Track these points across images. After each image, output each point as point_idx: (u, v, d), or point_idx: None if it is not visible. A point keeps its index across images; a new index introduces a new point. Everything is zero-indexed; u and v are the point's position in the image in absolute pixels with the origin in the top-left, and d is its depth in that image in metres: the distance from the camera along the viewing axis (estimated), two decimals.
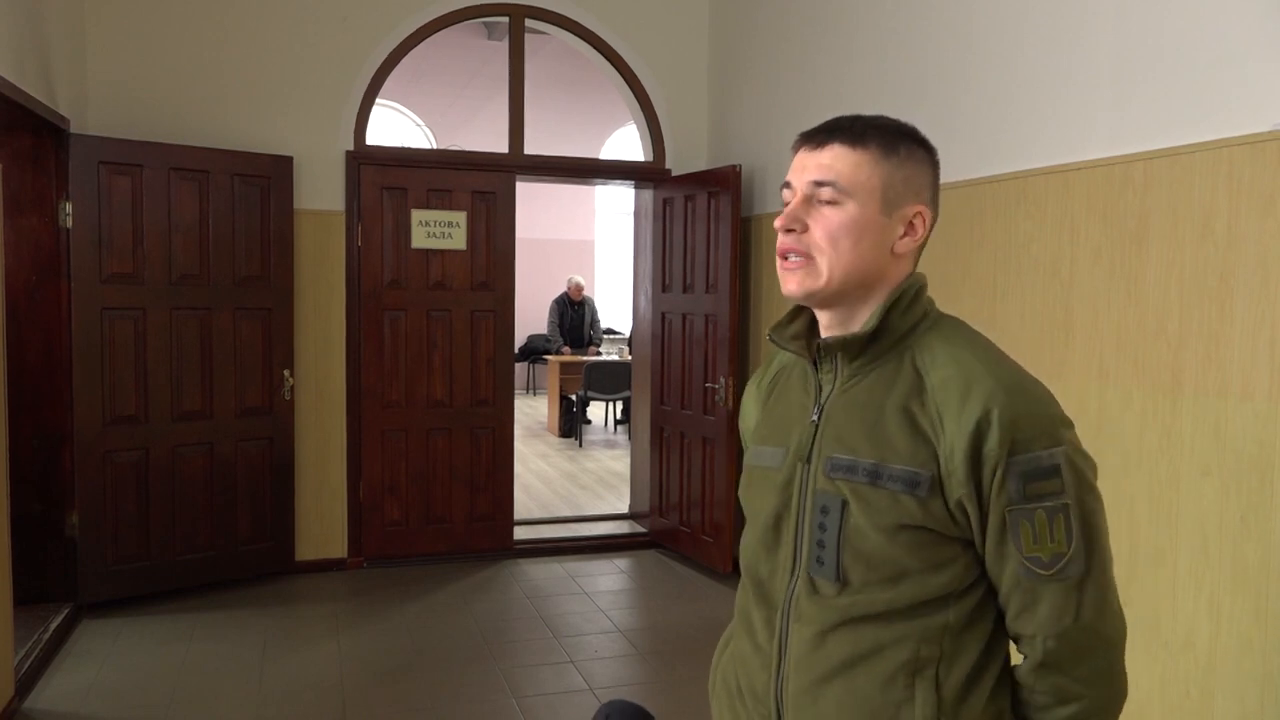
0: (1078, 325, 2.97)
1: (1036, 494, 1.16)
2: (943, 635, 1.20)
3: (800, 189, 1.26)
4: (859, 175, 1.23)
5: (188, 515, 4.67)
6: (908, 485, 1.18)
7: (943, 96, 3.59)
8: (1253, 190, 2.43)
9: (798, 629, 1.26)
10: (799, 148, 1.30)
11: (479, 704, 3.58)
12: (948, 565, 1.20)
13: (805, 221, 1.25)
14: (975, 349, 1.24)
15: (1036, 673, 1.21)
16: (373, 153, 5.21)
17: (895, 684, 1.20)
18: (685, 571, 5.31)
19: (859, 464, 1.22)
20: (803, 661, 1.25)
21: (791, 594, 1.27)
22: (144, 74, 4.73)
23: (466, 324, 5.37)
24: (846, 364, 1.28)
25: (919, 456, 1.19)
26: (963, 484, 1.17)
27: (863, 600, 1.21)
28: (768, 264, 5.07)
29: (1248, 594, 2.45)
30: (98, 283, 4.38)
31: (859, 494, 1.21)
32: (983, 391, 1.17)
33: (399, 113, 11.55)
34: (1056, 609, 1.18)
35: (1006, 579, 1.20)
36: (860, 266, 1.24)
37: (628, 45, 5.55)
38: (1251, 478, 2.43)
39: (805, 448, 1.28)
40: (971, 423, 1.16)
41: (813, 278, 1.25)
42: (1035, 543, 1.16)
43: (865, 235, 1.24)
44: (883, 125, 1.27)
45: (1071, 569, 1.17)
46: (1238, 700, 2.47)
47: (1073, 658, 1.20)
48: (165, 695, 3.59)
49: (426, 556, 5.33)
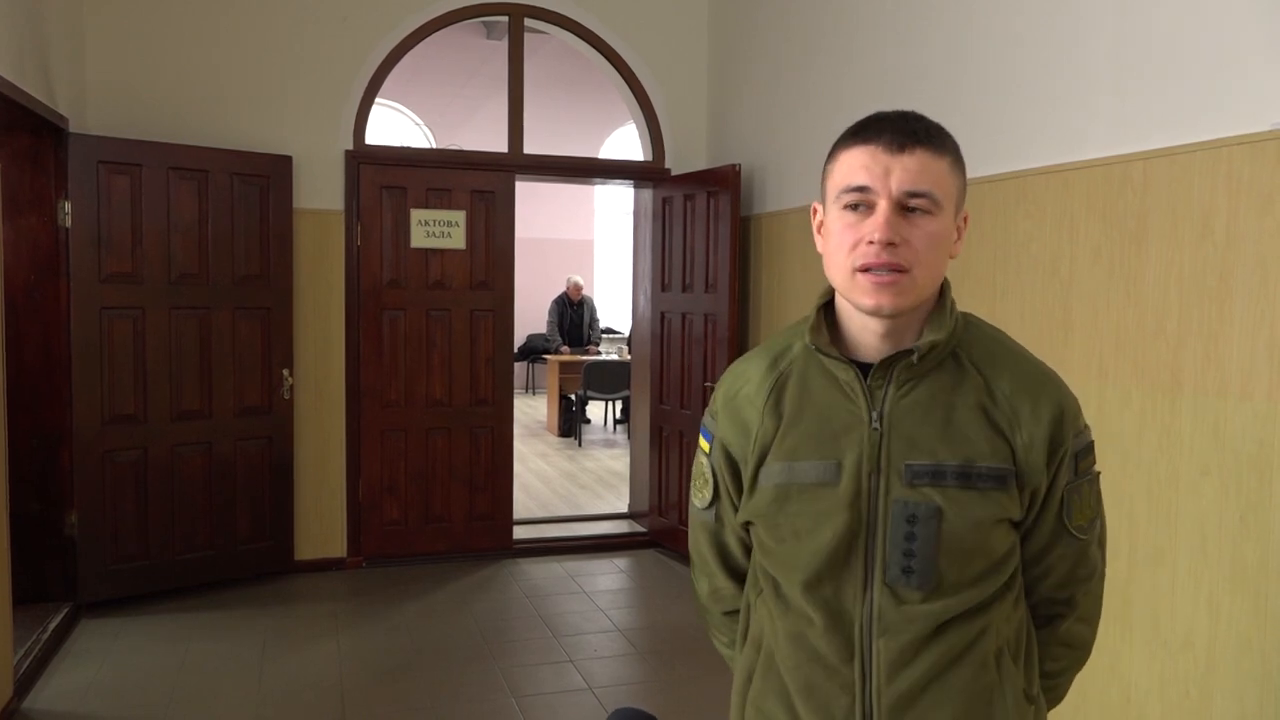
0: (1077, 324, 2.97)
1: (1084, 469, 1.27)
2: (1009, 614, 1.28)
3: (890, 197, 1.17)
4: (945, 184, 1.20)
5: (187, 515, 4.67)
6: (998, 482, 1.22)
7: (942, 96, 3.59)
8: (1252, 190, 2.43)
9: (885, 643, 1.23)
10: (860, 145, 1.21)
11: (478, 703, 3.58)
12: (1014, 551, 1.27)
13: (902, 233, 1.18)
14: (1014, 347, 1.32)
15: (1072, 627, 1.33)
16: (372, 152, 5.21)
17: (986, 670, 1.24)
18: (684, 571, 5.31)
19: (945, 468, 1.21)
20: (896, 674, 1.23)
21: (870, 609, 1.23)
22: (143, 73, 4.73)
23: (466, 323, 5.36)
24: (904, 369, 1.24)
25: (1000, 452, 1.22)
26: (1040, 472, 1.23)
27: (955, 602, 1.22)
28: (767, 264, 5.07)
29: (1247, 593, 2.45)
30: (97, 282, 4.38)
31: (951, 498, 1.21)
32: (1050, 387, 1.26)
33: (398, 112, 11.55)
34: (1090, 566, 1.31)
35: (1056, 551, 1.28)
36: (939, 277, 1.24)
37: (627, 45, 5.55)
38: (1251, 477, 2.43)
39: (872, 458, 1.23)
40: (1049, 416, 1.24)
41: (908, 293, 1.19)
42: (1080, 513, 1.28)
43: (946, 245, 1.23)
44: (942, 129, 1.24)
45: (1096, 527, 1.31)
46: (1237, 700, 2.47)
47: (1094, 604, 1.35)
48: (164, 695, 3.59)
49: (426, 556, 5.33)
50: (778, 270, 4.96)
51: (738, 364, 1.40)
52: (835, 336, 1.29)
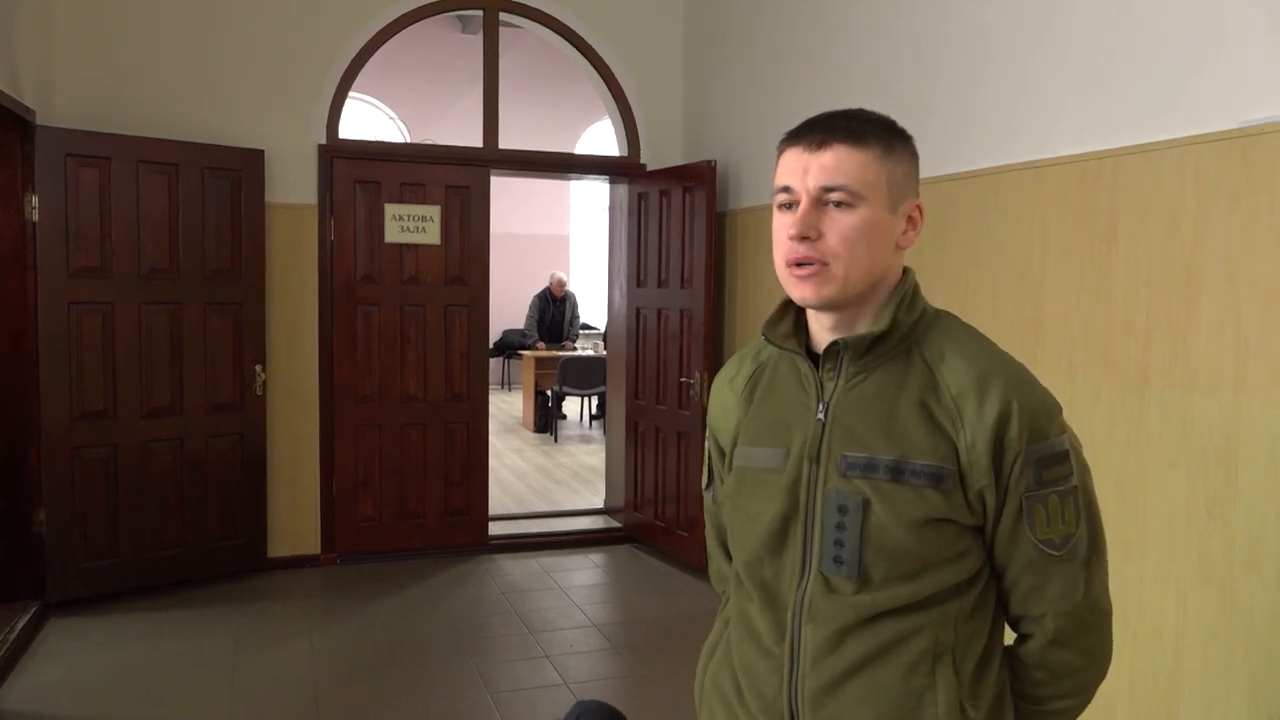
0: (1048, 320, 3.00)
1: (1050, 479, 1.21)
2: (958, 621, 1.24)
3: (806, 193, 1.22)
4: (867, 176, 1.21)
5: (158, 512, 4.62)
6: (932, 480, 1.20)
7: (914, 92, 3.61)
8: (1219, 187, 2.46)
9: (812, 629, 1.25)
10: (789, 147, 1.26)
11: (453, 700, 3.57)
12: (965, 555, 1.24)
13: (818, 228, 1.21)
14: (979, 343, 1.28)
15: (1044, 650, 1.26)
16: (345, 146, 5.17)
17: (917, 672, 1.22)
18: (660, 566, 5.32)
19: (878, 461, 1.22)
20: (821, 661, 1.24)
21: (803, 595, 1.26)
22: (112, 65, 4.67)
23: (440, 319, 5.34)
24: (852, 361, 1.26)
25: (940, 450, 1.21)
26: (985, 474, 1.20)
27: (884, 596, 1.22)
28: (743, 259, 5.08)
29: (1213, 585, 2.48)
30: (65, 276, 4.32)
31: (881, 491, 1.21)
32: (1000, 384, 1.21)
33: (372, 106, 11.46)
34: (1067, 587, 1.23)
35: (1017, 562, 1.24)
36: (874, 268, 1.24)
37: (602, 39, 5.54)
38: (1217, 471, 2.47)
39: (813, 447, 1.26)
40: (994, 415, 1.20)
41: (830, 284, 1.22)
42: (1048, 526, 1.22)
43: (878, 236, 1.23)
44: (875, 121, 1.26)
45: (1079, 548, 1.23)
46: (1203, 689, 2.51)
47: (1079, 632, 1.26)
48: (136, 694, 3.55)
49: (400, 552, 5.31)
50: (753, 266, 4.97)
51: (733, 356, 1.48)
52: (802, 331, 1.33)
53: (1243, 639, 2.41)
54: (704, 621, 4.19)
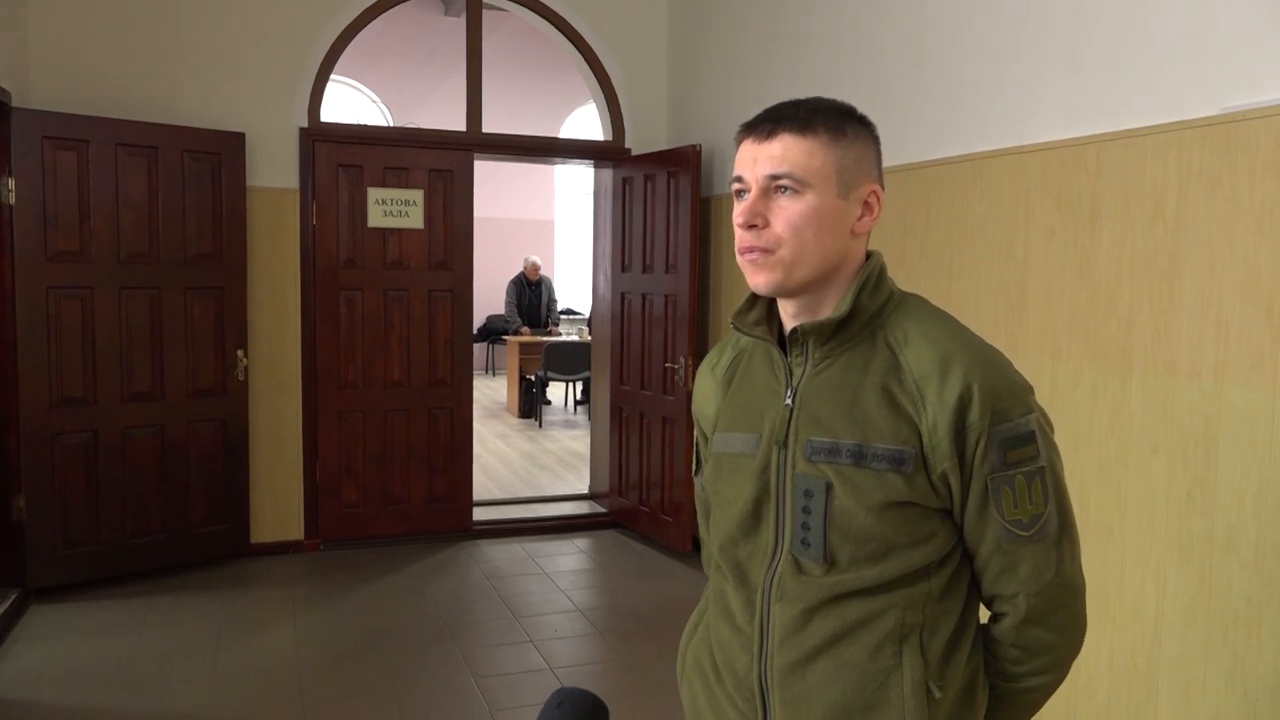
0: (1031, 304, 3.01)
1: (1016, 460, 1.21)
2: (925, 602, 1.25)
3: (755, 183, 1.24)
4: (813, 163, 1.22)
5: (139, 498, 4.59)
6: (893, 463, 1.21)
7: (898, 77, 3.60)
8: (1201, 173, 2.47)
9: (780, 609, 1.27)
10: (742, 139, 1.28)
11: (438, 685, 3.58)
12: (931, 537, 1.24)
13: (765, 216, 1.23)
14: (944, 325, 1.27)
15: (1018, 629, 1.27)
16: (328, 129, 5.13)
17: (883, 652, 1.23)
18: (645, 551, 5.34)
19: (840, 445, 1.23)
20: (788, 640, 1.26)
21: (773, 575, 1.28)
22: (90, 46, 4.60)
23: (424, 304, 5.32)
24: (818, 347, 1.28)
25: (901, 434, 1.21)
26: (946, 457, 1.20)
27: (850, 578, 1.23)
28: (727, 244, 5.08)
29: (1192, 567, 2.51)
30: (43, 260, 4.27)
31: (843, 475, 1.22)
32: (962, 366, 1.21)
33: (355, 89, 11.37)
34: (1038, 566, 1.24)
35: (987, 544, 1.24)
36: (825, 254, 1.24)
37: (587, 23, 5.51)
38: (1197, 454, 2.49)
39: (780, 432, 1.28)
40: (954, 397, 1.20)
41: (780, 271, 1.24)
42: (1016, 507, 1.22)
43: (827, 222, 1.24)
44: (825, 108, 1.26)
45: (1049, 527, 1.24)
46: (1182, 670, 2.54)
47: (1051, 610, 1.27)
48: (117, 680, 3.54)
49: (384, 538, 5.30)
50: None
51: (716, 344, 1.50)
52: (774, 319, 1.35)
53: (1221, 620, 2.44)
54: (688, 606, 4.20)
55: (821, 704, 1.24)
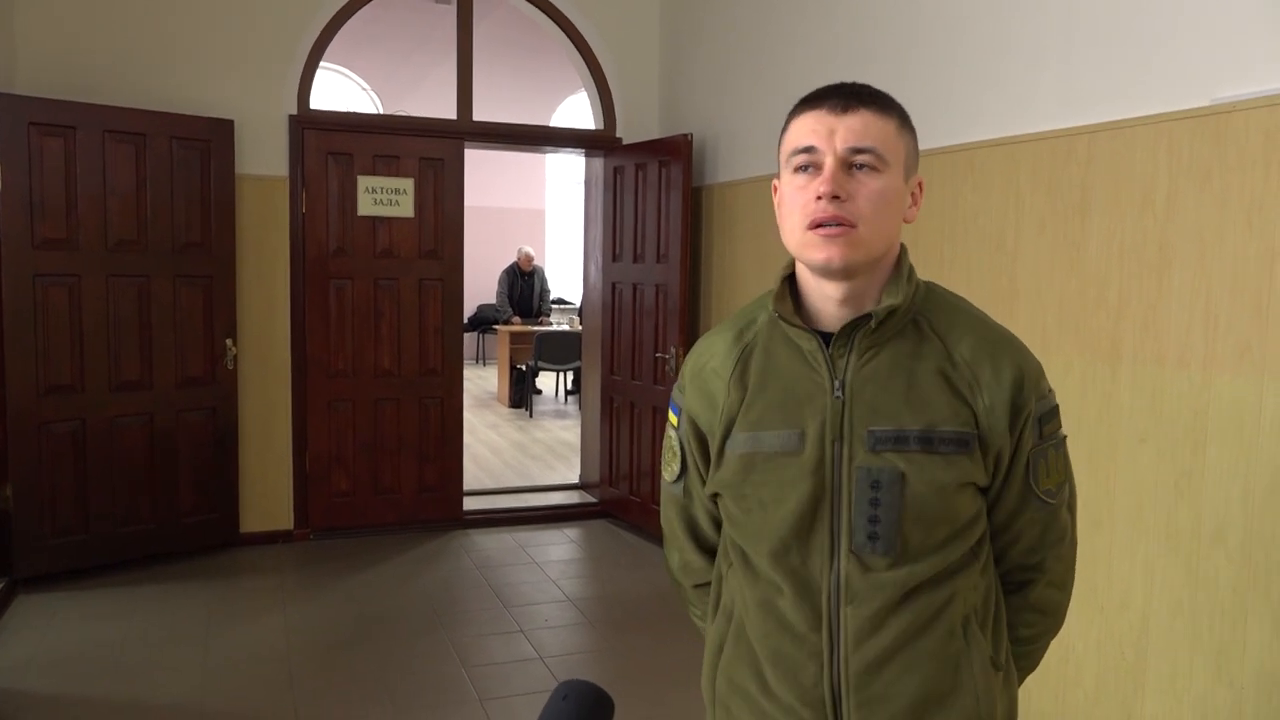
0: (1022, 295, 3.02)
1: (1050, 434, 1.29)
2: (976, 581, 1.28)
3: (835, 154, 1.20)
4: (891, 143, 1.23)
5: (127, 487, 4.57)
6: (959, 445, 1.23)
7: (890, 67, 3.60)
8: (1191, 164, 2.48)
9: (853, 611, 1.24)
10: (808, 110, 1.24)
11: (429, 674, 3.58)
12: (979, 516, 1.28)
13: (847, 189, 1.20)
14: (972, 312, 1.32)
15: (1042, 593, 1.34)
16: (317, 117, 5.10)
17: (954, 637, 1.25)
18: (635, 540, 5.34)
19: (907, 433, 1.22)
20: (864, 642, 1.24)
21: (838, 577, 1.24)
22: (77, 31, 4.56)
23: (414, 293, 5.30)
24: (865, 337, 1.25)
25: (961, 416, 1.23)
26: (1003, 435, 1.25)
27: (919, 569, 1.23)
28: (719, 234, 5.07)
29: (1179, 557, 2.52)
30: (30, 248, 4.24)
31: (914, 462, 1.22)
32: (1009, 351, 1.27)
33: (345, 77, 11.30)
34: (1060, 531, 1.33)
35: (1024, 516, 1.29)
36: (890, 236, 1.25)
37: (578, 11, 5.48)
38: (1185, 444, 2.50)
39: (835, 425, 1.24)
40: (1009, 380, 1.25)
41: (855, 247, 1.20)
42: (1048, 477, 1.29)
43: (895, 204, 1.24)
44: (888, 95, 1.27)
45: (1065, 492, 1.33)
46: (1169, 659, 2.56)
47: (1066, 570, 1.36)
48: (105, 669, 3.53)
49: (375, 528, 5.29)
50: (729, 241, 4.96)
51: (704, 338, 1.42)
52: (798, 308, 1.30)
53: (1208, 610, 2.45)
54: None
55: (901, 699, 1.23)
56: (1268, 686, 2.32)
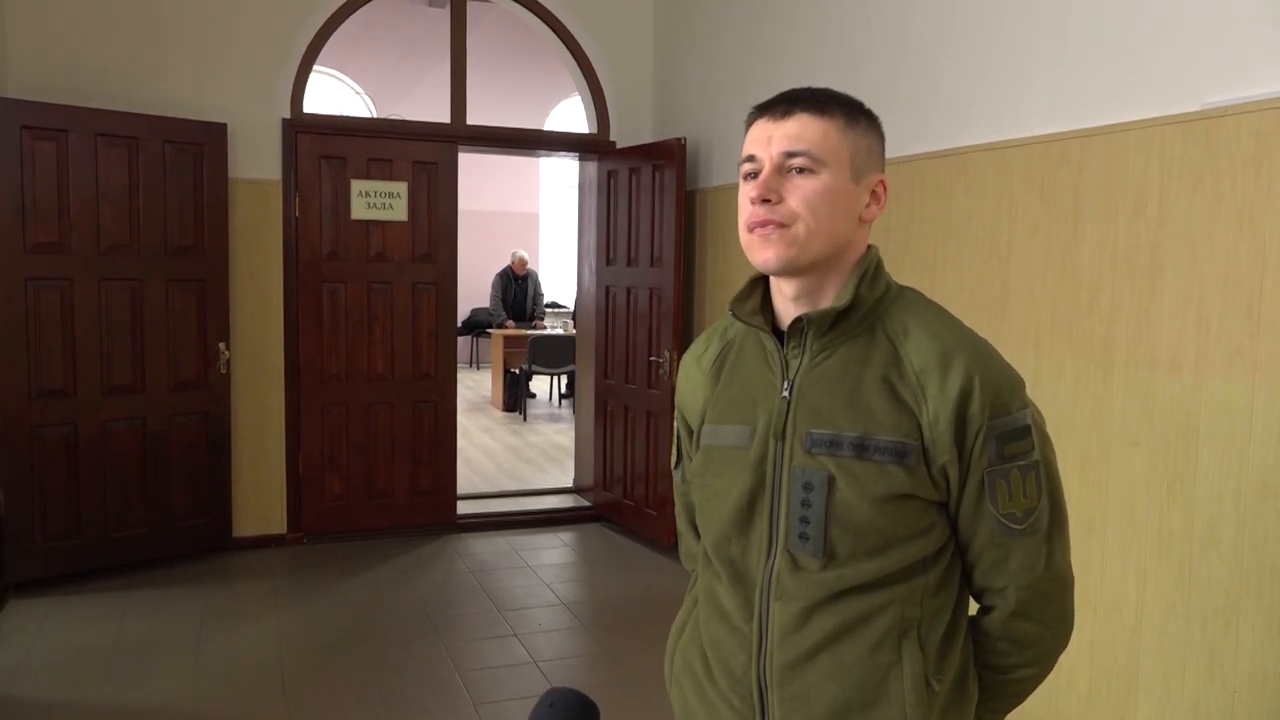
0: (1014, 299, 3.02)
1: (1012, 454, 1.22)
2: (923, 597, 1.25)
3: (770, 160, 1.24)
4: (829, 144, 1.23)
5: (120, 491, 4.56)
6: (896, 456, 1.20)
7: (882, 70, 3.61)
8: (1183, 168, 2.49)
9: (780, 607, 1.26)
10: (755, 119, 1.28)
11: (422, 678, 3.57)
12: (929, 530, 1.24)
13: (779, 192, 1.22)
14: (942, 319, 1.28)
15: (1007, 622, 1.28)
16: (310, 120, 5.09)
17: (883, 648, 1.23)
18: (629, 544, 5.34)
19: (842, 438, 1.22)
20: (788, 638, 1.25)
21: (770, 572, 1.26)
22: (69, 34, 4.55)
23: (408, 296, 5.29)
24: (816, 338, 1.27)
25: (903, 426, 1.21)
26: (947, 450, 1.21)
27: (850, 573, 1.22)
28: (712, 237, 5.08)
29: (1172, 561, 2.53)
30: (21, 252, 4.23)
31: (845, 468, 1.22)
32: (962, 360, 1.22)
33: (338, 80, 11.29)
34: (1029, 560, 1.25)
35: (980, 537, 1.25)
36: (836, 234, 1.24)
37: (572, 15, 5.48)
38: (1178, 448, 2.51)
39: (778, 424, 1.26)
40: (956, 391, 1.20)
41: (791, 246, 1.22)
42: (1010, 500, 1.23)
43: (839, 203, 1.24)
44: (839, 96, 1.28)
45: (1041, 521, 1.24)
46: (1161, 662, 2.56)
47: (1041, 603, 1.27)
48: (98, 674, 3.51)
49: (368, 531, 5.28)
50: (723, 245, 4.97)
51: (701, 335, 1.48)
52: (768, 309, 1.33)
53: (1200, 614, 2.46)
54: (672, 600, 4.22)
55: (822, 701, 1.24)
56: (1260, 688, 2.33)
